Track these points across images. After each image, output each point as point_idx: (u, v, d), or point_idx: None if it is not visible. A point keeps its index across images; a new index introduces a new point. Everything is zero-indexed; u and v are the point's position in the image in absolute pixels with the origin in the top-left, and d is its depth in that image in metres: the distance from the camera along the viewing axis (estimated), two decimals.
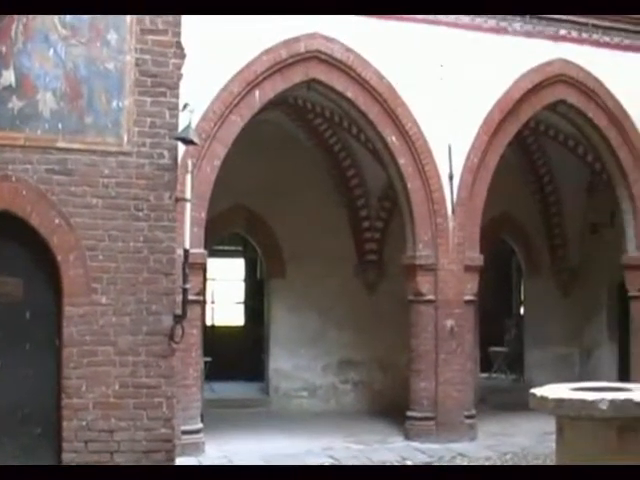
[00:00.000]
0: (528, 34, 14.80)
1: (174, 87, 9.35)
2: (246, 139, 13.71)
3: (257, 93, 13.15)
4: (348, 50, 13.63)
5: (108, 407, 8.93)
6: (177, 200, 9.48)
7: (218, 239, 18.24)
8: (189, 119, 9.74)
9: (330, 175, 17.84)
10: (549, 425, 7.27)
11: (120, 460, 8.92)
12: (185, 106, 9.73)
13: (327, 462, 12.22)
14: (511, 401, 16.42)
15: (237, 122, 13.09)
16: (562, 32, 15.10)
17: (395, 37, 13.82)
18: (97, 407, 8.91)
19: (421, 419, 14.11)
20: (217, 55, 12.61)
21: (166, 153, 9.24)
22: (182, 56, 9.45)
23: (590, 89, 15.30)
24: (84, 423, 8.87)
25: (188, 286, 9.96)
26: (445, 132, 14.12)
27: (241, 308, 23.04)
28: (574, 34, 15.22)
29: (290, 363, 17.77)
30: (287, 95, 14.67)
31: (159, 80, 9.25)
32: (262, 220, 17.67)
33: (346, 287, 17.64)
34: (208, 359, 17.31)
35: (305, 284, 17.47)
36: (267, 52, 13.09)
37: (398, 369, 16.41)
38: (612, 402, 6.44)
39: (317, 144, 17.56)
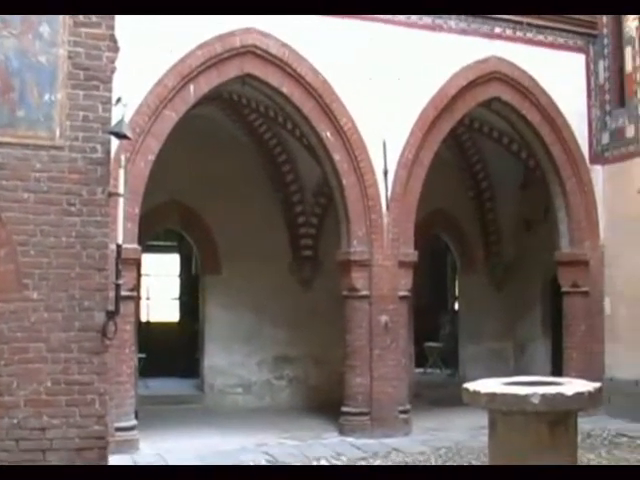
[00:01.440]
0: (463, 32, 14.93)
1: (107, 81, 9.23)
2: (181, 134, 13.63)
3: (192, 87, 13.10)
4: (283, 45, 13.62)
5: (40, 405, 8.80)
6: (110, 195, 9.37)
7: (153, 235, 18.13)
8: (122, 113, 9.62)
9: (265, 171, 17.81)
10: (483, 419, 7.32)
11: (52, 458, 8.80)
12: (118, 100, 9.61)
13: (262, 459, 12.19)
14: (446, 396, 16.50)
15: (171, 117, 13.02)
16: (497, 30, 15.26)
17: (331, 33, 13.84)
18: (28, 405, 8.77)
19: (356, 414, 14.14)
20: (151, 49, 12.52)
21: (99, 147, 9.13)
22: (116, 49, 9.33)
23: (524, 87, 15.47)
24: (15, 421, 8.73)
25: (121, 282, 9.86)
26: (380, 128, 14.17)
27: (177, 304, 22.92)
28: (509, 32, 15.38)
29: (225, 359, 17.72)
30: (222, 90, 14.61)
31: (92, 73, 9.12)
32: (197, 215, 17.58)
33: (281, 283, 17.64)
34: (142, 355, 17.23)
35: (240, 280, 17.41)
36: (202, 46, 13.04)
37: (333, 365, 16.41)
38: (543, 396, 6.51)
39: (252, 139, 17.51)
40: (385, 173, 14.23)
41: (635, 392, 15.23)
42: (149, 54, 12.50)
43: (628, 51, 15.65)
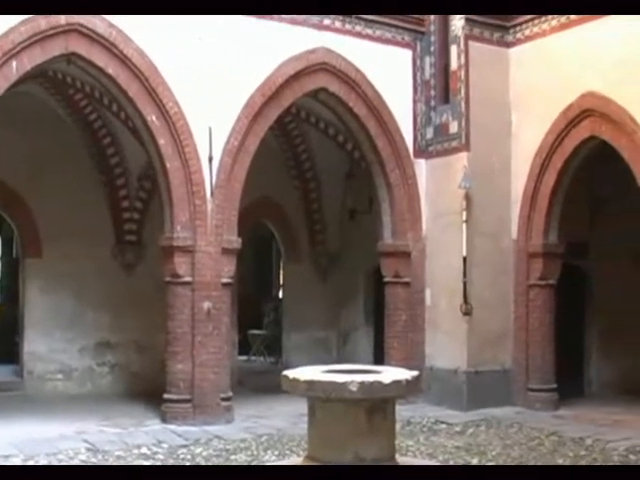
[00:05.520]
0: (293, 21, 14.96)
1: None
2: (2, 112, 13.24)
3: (14, 64, 12.68)
4: (111, 26, 13.35)
5: None
6: None
7: None
8: None
9: (89, 152, 17.46)
10: (304, 407, 7.36)
11: None
12: None
13: (81, 446, 11.99)
14: (268, 384, 16.54)
15: None
16: (326, 22, 15.36)
17: (159, 15, 13.60)
18: None
19: (178, 401, 14.04)
20: None
21: None
22: None
23: (351, 79, 15.64)
24: None
25: None
26: (206, 114, 14.08)
27: None
28: (338, 24, 15.51)
29: (45, 345, 17.30)
30: (47, 68, 14.23)
31: None
32: (18, 196, 17.06)
33: (104, 268, 17.37)
34: None
35: (62, 264, 17.02)
36: (26, 22, 12.62)
37: (156, 351, 16.27)
38: (361, 384, 6.59)
39: (77, 120, 17.12)
40: (210, 159, 14.15)
41: (454, 380, 15.65)
42: None
43: (453, 49, 15.98)
